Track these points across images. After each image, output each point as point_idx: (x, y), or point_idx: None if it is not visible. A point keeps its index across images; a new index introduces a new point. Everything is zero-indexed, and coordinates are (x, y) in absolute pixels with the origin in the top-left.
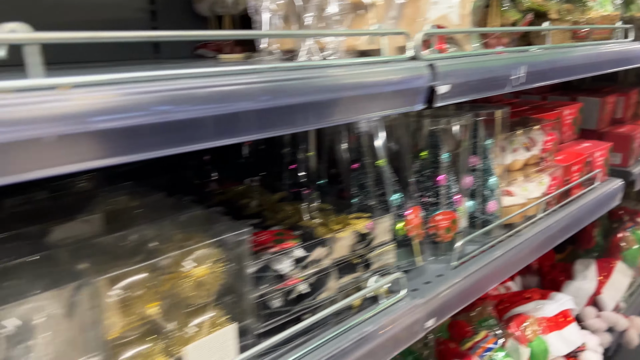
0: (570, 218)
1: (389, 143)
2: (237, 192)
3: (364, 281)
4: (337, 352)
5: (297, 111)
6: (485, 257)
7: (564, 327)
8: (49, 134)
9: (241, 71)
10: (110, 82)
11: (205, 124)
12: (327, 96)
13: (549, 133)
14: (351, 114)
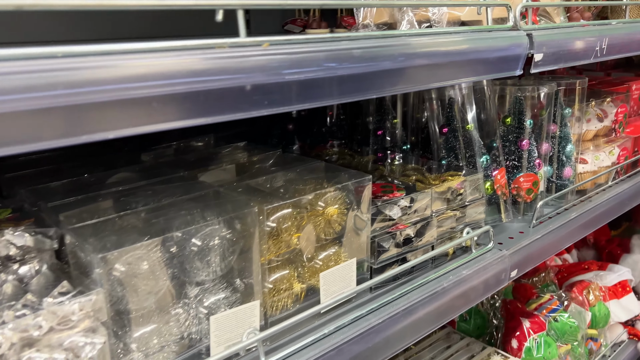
0: (637, 187)
1: (477, 109)
2: (331, 154)
3: (458, 232)
4: (439, 290)
5: (425, 71)
6: (561, 218)
7: (622, 296)
8: (251, 82)
9: (381, 35)
10: (294, 42)
11: (361, 79)
12: (447, 59)
13: (621, 105)
14: (462, 75)
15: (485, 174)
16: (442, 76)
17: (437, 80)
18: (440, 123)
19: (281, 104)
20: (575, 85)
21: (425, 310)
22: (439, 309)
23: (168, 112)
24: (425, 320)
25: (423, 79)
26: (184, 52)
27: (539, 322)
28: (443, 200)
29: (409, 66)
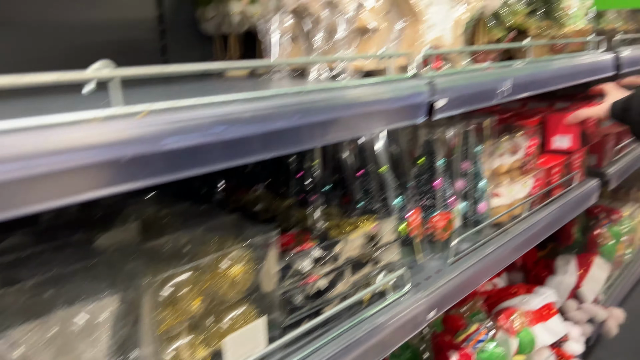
0: (552, 216)
1: (390, 151)
2: (249, 200)
3: (373, 278)
4: (353, 342)
5: (323, 127)
6: (478, 253)
7: (548, 319)
8: (128, 155)
9: (275, 94)
10: (176, 108)
11: (252, 141)
12: (347, 113)
13: (532, 138)
14: (363, 128)
15: (399, 215)
16: (340, 131)
17: (334, 136)
18: (356, 165)
19: (162, 173)
20: (484, 124)
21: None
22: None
23: (27, 195)
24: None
25: (318, 136)
26: (48, 129)
27: (466, 354)
28: (357, 246)
29: (304, 124)
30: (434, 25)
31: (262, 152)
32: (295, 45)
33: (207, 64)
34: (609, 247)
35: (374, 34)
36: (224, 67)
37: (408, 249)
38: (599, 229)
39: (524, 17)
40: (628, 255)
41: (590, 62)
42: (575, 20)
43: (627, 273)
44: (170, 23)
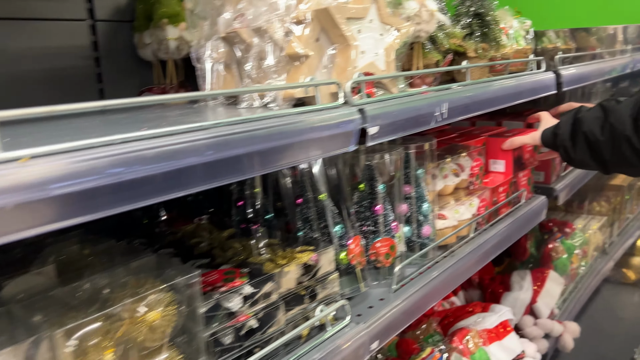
0: (500, 235)
1: (330, 177)
2: (187, 232)
3: (311, 311)
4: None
5: (242, 161)
6: (424, 278)
7: (504, 337)
8: (10, 203)
9: (187, 129)
10: (64, 151)
11: (156, 180)
12: (268, 145)
13: (476, 159)
14: (291, 159)
15: (340, 243)
16: (260, 165)
17: (255, 170)
18: (295, 193)
19: (52, 220)
20: (424, 147)
21: None
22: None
23: None
24: None
25: (235, 171)
26: None
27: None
28: (292, 280)
29: (219, 159)
30: (365, 51)
31: (170, 191)
32: (229, 73)
33: (100, 103)
34: (563, 261)
35: (305, 61)
36: (116, 104)
37: (350, 278)
38: (552, 243)
39: (460, 40)
40: (583, 267)
41: (531, 81)
42: (515, 41)
43: (582, 286)
44: (106, 50)
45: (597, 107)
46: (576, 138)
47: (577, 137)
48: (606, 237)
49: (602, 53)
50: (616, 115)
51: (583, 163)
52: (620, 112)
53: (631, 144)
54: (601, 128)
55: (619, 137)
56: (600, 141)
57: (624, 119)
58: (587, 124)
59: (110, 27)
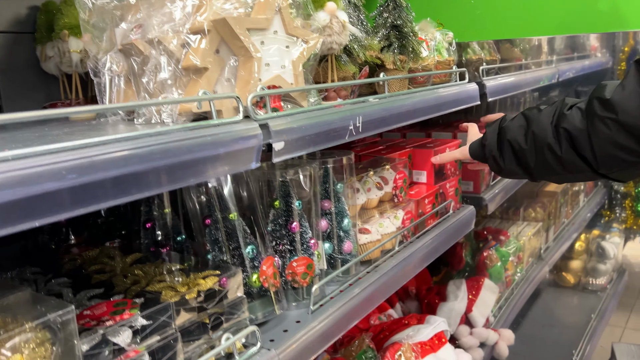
0: (427, 247)
1: (242, 196)
2: (88, 258)
3: (216, 340)
4: None
5: (107, 184)
6: (345, 296)
7: (438, 349)
8: None
9: (45, 152)
10: None
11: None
12: (162, 163)
13: (399, 171)
14: (188, 177)
15: (252, 265)
16: (138, 186)
17: (133, 193)
18: (204, 213)
19: None
20: (343, 162)
21: None
22: None
23: None
24: None
25: (104, 196)
26: None
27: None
28: (192, 308)
29: (86, 182)
30: (270, 64)
31: (22, 221)
32: (127, 86)
33: None
34: (497, 269)
35: (203, 73)
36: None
37: (264, 301)
38: (486, 251)
39: (378, 52)
40: (518, 274)
41: (453, 93)
42: (438, 52)
43: (518, 292)
44: (4, 63)
45: (520, 116)
46: (502, 147)
47: (504, 146)
48: (542, 242)
49: (529, 64)
50: (538, 124)
51: (512, 172)
52: (541, 120)
53: (553, 151)
54: (524, 136)
55: (541, 145)
56: (525, 149)
57: (545, 126)
58: (511, 132)
59: (9, 38)
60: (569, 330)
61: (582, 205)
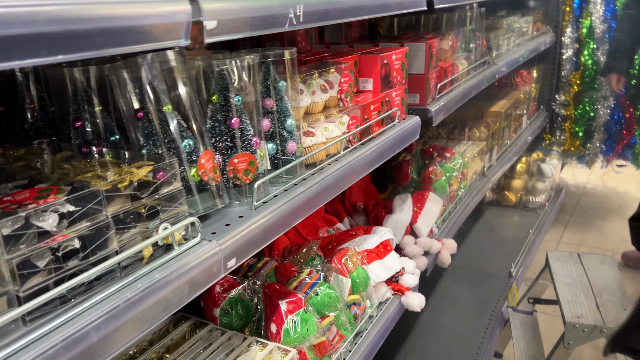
0: (372, 153)
1: (178, 91)
2: (15, 157)
3: (153, 231)
4: (121, 305)
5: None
6: (288, 195)
7: (384, 256)
8: None
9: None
10: None
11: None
12: (78, 27)
13: (344, 74)
14: (108, 45)
15: (189, 159)
16: (54, 48)
17: (65, 52)
18: (138, 107)
19: None
20: (285, 56)
21: (99, 335)
22: (125, 326)
23: None
24: (102, 344)
25: (44, 50)
26: None
27: (296, 301)
28: (126, 197)
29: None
30: None
31: None
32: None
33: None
34: (441, 183)
35: None
36: None
37: (205, 196)
38: (432, 167)
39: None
40: (462, 189)
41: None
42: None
43: (461, 206)
44: None
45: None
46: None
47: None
48: (485, 161)
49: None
50: None
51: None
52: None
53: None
54: None
55: None
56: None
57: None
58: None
59: None
60: (509, 245)
61: (524, 127)
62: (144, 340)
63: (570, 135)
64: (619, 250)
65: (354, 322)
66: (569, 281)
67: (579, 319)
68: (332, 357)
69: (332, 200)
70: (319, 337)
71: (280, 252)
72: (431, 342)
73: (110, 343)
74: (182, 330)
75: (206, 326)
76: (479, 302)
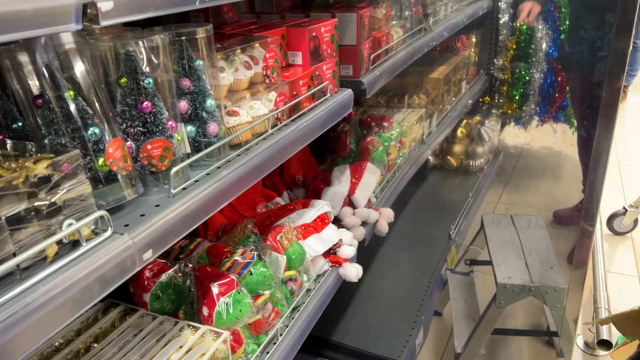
0: (302, 130)
1: (84, 74)
2: None
3: (57, 228)
4: (20, 311)
5: None
6: (211, 178)
7: (322, 229)
8: None
9: None
10: None
11: None
12: None
13: (269, 50)
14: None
15: (96, 148)
16: None
17: None
18: (37, 92)
19: None
20: (198, 33)
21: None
22: (26, 332)
23: None
24: (2, 352)
25: None
26: None
27: (228, 282)
28: (21, 194)
29: None
30: None
31: None
32: None
33: None
34: (379, 153)
35: None
36: None
37: (115, 187)
38: (369, 137)
39: None
40: (401, 157)
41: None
42: None
43: (400, 174)
44: None
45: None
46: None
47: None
48: (425, 128)
49: None
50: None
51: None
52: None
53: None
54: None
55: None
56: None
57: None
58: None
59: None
60: (449, 208)
61: (464, 92)
62: (71, 330)
63: (507, 99)
64: (552, 209)
65: (291, 297)
66: (502, 242)
67: (509, 280)
68: (269, 333)
69: (270, 174)
70: (253, 316)
71: (214, 232)
72: (372, 306)
73: (13, 349)
74: (111, 317)
75: (136, 312)
76: (419, 265)
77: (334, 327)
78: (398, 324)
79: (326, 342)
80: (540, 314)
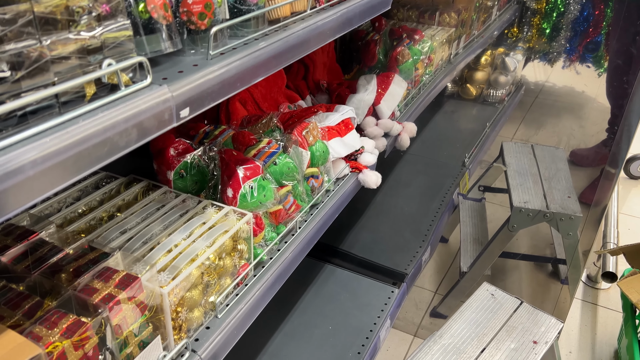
0: (340, 17)
1: None
2: None
3: (95, 66)
4: (63, 140)
5: None
6: (248, 48)
7: (345, 134)
8: None
9: None
10: None
11: None
12: None
13: None
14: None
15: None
16: None
17: None
18: None
19: None
20: None
21: (36, 169)
22: (66, 163)
23: None
24: (40, 180)
25: None
26: None
27: (254, 167)
28: (63, 22)
29: None
30: None
31: None
32: None
33: None
34: (408, 65)
35: None
36: None
37: (154, 37)
38: (400, 47)
39: None
40: (427, 75)
41: None
42: None
43: (425, 92)
44: None
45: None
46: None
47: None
48: (453, 48)
49: None
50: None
51: None
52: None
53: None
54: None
55: None
56: None
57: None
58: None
59: None
60: (465, 136)
61: (493, 19)
62: (93, 200)
63: (537, 32)
64: (569, 148)
65: (311, 194)
66: (521, 170)
67: (525, 204)
68: (288, 224)
69: (294, 76)
70: (275, 205)
71: (239, 122)
72: (383, 220)
73: (50, 179)
74: (134, 191)
75: (160, 188)
76: (432, 187)
77: (344, 237)
78: (407, 239)
79: (335, 250)
80: (545, 247)
